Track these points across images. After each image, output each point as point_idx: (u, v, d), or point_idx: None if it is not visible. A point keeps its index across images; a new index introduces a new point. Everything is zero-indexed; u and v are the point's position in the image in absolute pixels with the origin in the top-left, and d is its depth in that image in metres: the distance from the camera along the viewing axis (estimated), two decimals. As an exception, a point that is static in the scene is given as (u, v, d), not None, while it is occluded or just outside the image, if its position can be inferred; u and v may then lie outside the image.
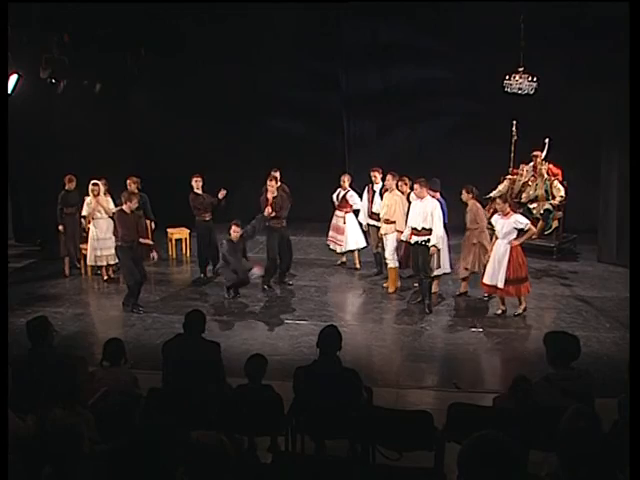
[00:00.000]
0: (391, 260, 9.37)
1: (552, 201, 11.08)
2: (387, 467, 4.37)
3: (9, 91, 9.47)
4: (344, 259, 10.84)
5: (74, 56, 10.73)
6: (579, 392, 4.28)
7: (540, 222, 11.26)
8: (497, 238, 8.40)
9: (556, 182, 11.07)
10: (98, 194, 10.06)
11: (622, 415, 3.74)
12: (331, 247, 10.81)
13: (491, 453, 2.42)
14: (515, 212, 8.48)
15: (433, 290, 9.11)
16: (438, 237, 8.41)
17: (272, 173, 10.12)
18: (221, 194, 9.92)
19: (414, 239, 8.54)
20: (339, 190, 10.54)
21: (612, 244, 10.82)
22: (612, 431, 3.73)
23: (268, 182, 9.56)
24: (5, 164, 6.95)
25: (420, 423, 4.47)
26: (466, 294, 9.21)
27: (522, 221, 8.28)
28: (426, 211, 8.40)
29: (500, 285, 8.22)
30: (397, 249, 9.26)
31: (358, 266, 10.60)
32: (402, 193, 9.41)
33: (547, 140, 11.24)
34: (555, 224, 11.24)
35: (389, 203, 9.29)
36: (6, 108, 6.91)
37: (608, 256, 10.88)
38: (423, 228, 8.42)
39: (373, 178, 9.86)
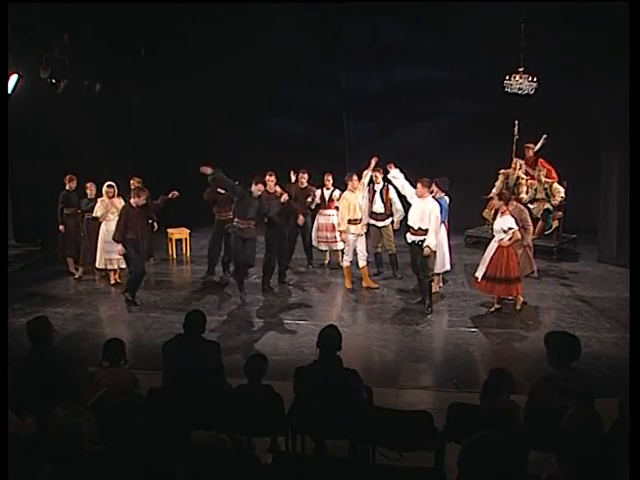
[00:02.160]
0: (345, 259, 9.71)
1: (552, 201, 11.10)
2: (387, 467, 4.37)
3: (9, 91, 9.48)
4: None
5: (74, 56, 10.75)
6: (579, 392, 4.28)
7: (540, 222, 11.29)
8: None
9: (555, 184, 11.09)
10: (113, 196, 9.87)
11: (622, 415, 3.74)
12: (322, 248, 10.73)
13: (491, 453, 2.42)
14: (511, 213, 8.45)
15: (434, 289, 9.15)
16: (434, 238, 8.43)
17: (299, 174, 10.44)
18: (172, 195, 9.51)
19: (411, 238, 8.54)
20: (323, 190, 10.56)
21: (612, 244, 10.82)
22: (612, 431, 3.73)
23: (268, 177, 9.60)
24: (5, 164, 6.96)
25: (420, 423, 4.46)
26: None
27: (508, 224, 8.26)
28: (425, 211, 8.39)
29: (478, 278, 8.40)
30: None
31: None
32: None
33: (544, 136, 11.33)
34: (555, 224, 11.25)
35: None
36: (6, 108, 6.93)
37: (608, 256, 10.88)
38: (419, 228, 8.41)
39: (374, 178, 9.86)
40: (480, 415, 4.42)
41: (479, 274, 8.44)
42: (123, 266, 10.02)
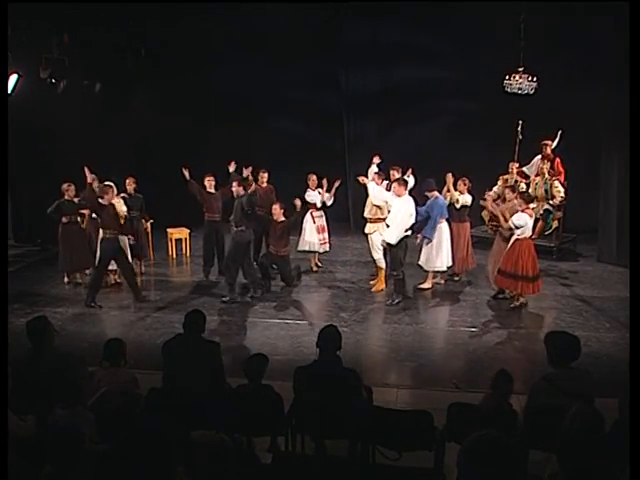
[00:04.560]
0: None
1: (552, 201, 11.12)
2: (387, 467, 4.37)
3: (9, 91, 9.48)
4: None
5: (74, 56, 10.74)
6: (579, 392, 4.28)
7: (540, 222, 11.29)
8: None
9: (556, 182, 11.09)
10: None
11: (622, 415, 3.74)
12: (322, 250, 10.60)
13: (491, 453, 2.42)
14: (527, 210, 8.49)
15: (428, 286, 9.60)
16: (392, 234, 8.64)
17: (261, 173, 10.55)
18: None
19: None
20: (311, 190, 10.45)
21: (612, 244, 10.82)
22: (612, 431, 3.73)
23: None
24: (5, 164, 6.95)
25: (420, 423, 4.46)
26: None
27: (515, 220, 8.37)
28: (397, 209, 8.67)
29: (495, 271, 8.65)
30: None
31: (316, 268, 10.74)
32: (461, 192, 9.66)
33: (560, 132, 11.30)
34: (555, 224, 11.25)
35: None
36: (6, 108, 6.92)
37: (608, 256, 10.88)
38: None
39: (392, 176, 9.89)
40: (480, 415, 4.42)
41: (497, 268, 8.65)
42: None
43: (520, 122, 11.15)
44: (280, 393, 4.74)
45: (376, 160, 10.36)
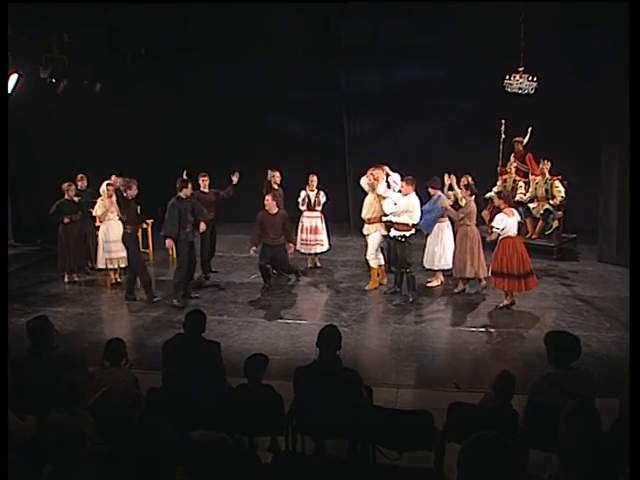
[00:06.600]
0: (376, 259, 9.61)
1: (552, 201, 11.13)
2: (387, 467, 4.37)
3: (9, 91, 9.48)
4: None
5: (74, 56, 10.75)
6: (579, 392, 4.28)
7: (540, 222, 11.31)
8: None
9: (557, 182, 11.11)
10: (112, 195, 9.85)
11: (622, 415, 3.74)
12: (303, 250, 10.64)
13: (491, 453, 2.42)
14: (506, 210, 8.53)
15: (437, 283, 9.66)
16: (389, 205, 8.78)
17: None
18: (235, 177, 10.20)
19: (392, 233, 8.89)
20: (306, 192, 10.53)
21: (612, 244, 10.81)
22: (612, 430, 3.73)
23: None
24: (5, 164, 6.95)
25: (420, 423, 4.46)
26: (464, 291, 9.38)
27: (493, 224, 8.53)
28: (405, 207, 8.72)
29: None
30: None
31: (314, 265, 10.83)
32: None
33: (530, 129, 11.42)
34: (555, 224, 11.26)
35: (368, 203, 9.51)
36: (6, 108, 6.91)
37: (608, 256, 10.88)
38: (397, 222, 8.77)
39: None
40: (480, 415, 4.42)
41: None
42: (123, 265, 10.04)
43: (503, 121, 11.15)
44: (280, 393, 4.74)
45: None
